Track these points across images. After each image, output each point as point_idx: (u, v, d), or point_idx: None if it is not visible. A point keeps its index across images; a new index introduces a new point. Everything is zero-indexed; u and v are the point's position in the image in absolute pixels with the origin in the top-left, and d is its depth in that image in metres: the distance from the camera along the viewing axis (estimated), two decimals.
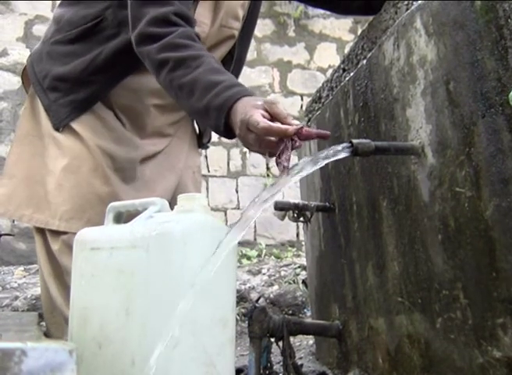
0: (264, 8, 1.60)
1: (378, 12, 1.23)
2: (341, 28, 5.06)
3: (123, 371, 0.86)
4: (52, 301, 1.34)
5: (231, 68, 1.50)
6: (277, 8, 4.88)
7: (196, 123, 1.66)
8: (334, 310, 1.53)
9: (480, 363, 0.84)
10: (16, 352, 0.67)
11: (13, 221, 3.48)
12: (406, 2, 1.07)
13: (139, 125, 1.47)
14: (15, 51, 4.12)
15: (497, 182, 0.80)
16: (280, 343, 1.33)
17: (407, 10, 1.05)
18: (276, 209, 1.50)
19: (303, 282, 2.73)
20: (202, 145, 1.69)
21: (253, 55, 4.64)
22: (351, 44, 2.01)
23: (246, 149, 4.76)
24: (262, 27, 4.72)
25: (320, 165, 0.93)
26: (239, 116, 0.97)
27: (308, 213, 1.54)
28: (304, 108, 2.04)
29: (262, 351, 1.29)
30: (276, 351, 1.35)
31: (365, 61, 1.23)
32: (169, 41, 1.14)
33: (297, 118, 4.21)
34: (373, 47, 1.22)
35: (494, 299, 0.80)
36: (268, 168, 4.57)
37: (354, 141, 0.98)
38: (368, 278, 1.25)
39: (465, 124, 0.86)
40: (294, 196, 1.97)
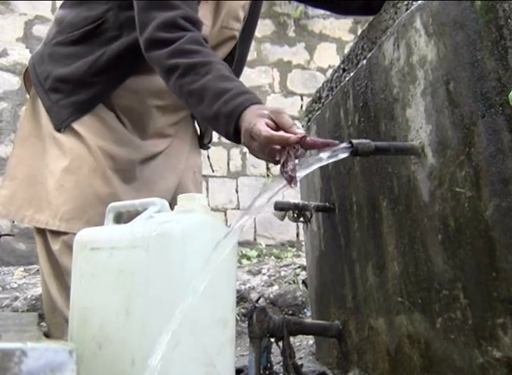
0: (264, 8, 1.60)
1: (378, 12, 1.23)
2: (341, 28, 5.06)
3: (123, 371, 0.86)
4: (52, 301, 1.34)
5: (232, 69, 1.50)
6: (277, 8, 4.88)
7: (197, 124, 1.66)
8: (334, 310, 1.53)
9: (480, 363, 0.84)
10: (16, 352, 0.67)
11: (13, 221, 3.48)
12: (406, 2, 1.07)
13: (140, 126, 1.47)
14: (15, 51, 4.12)
15: (497, 182, 0.80)
16: (280, 343, 1.33)
17: (407, 10, 1.05)
18: (276, 209, 1.50)
19: (303, 282, 2.73)
20: (203, 146, 1.70)
21: (253, 55, 4.64)
22: (351, 44, 2.01)
23: (246, 149, 4.75)
24: (262, 27, 4.72)
25: (321, 164, 0.94)
26: (244, 125, 1.00)
27: (308, 213, 1.54)
28: (304, 108, 2.03)
29: (262, 351, 1.29)
30: (276, 351, 1.35)
31: (365, 61, 1.23)
32: (179, 47, 1.15)
33: (297, 118, 4.21)
34: (373, 47, 1.22)
35: (494, 299, 0.80)
36: (268, 168, 4.57)
37: (354, 141, 0.98)
38: (368, 278, 1.25)
39: (465, 124, 0.86)
40: (294, 196, 1.97)
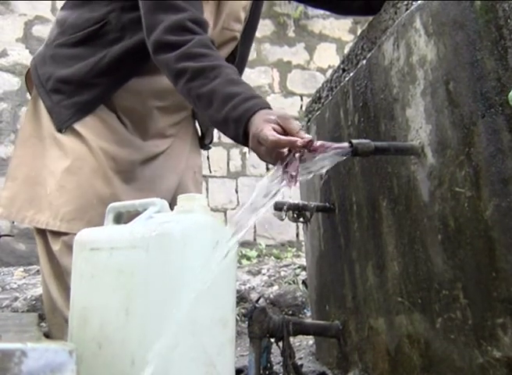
0: (263, 8, 1.60)
1: (377, 13, 1.23)
2: (341, 28, 5.06)
3: (123, 371, 0.86)
4: (53, 301, 1.34)
5: None
6: (277, 8, 4.88)
7: (198, 124, 1.66)
8: (334, 310, 1.53)
9: (480, 363, 0.84)
10: (16, 353, 0.67)
11: (13, 222, 3.48)
12: (405, 2, 1.07)
13: (141, 127, 1.47)
14: (14, 51, 4.12)
15: (497, 182, 0.80)
16: (280, 343, 1.33)
17: (407, 10, 1.05)
18: (276, 210, 1.50)
19: (303, 282, 2.73)
20: (204, 146, 1.70)
21: (252, 56, 4.64)
22: (351, 44, 2.01)
23: (246, 149, 4.77)
24: (262, 28, 4.71)
25: (325, 168, 0.96)
26: (252, 130, 1.00)
27: (308, 213, 1.54)
28: (304, 108, 2.03)
29: (262, 351, 1.29)
30: (276, 351, 1.35)
31: (365, 61, 1.23)
32: (187, 51, 1.15)
33: (297, 118, 4.21)
34: (373, 47, 1.22)
35: (494, 299, 0.80)
36: (268, 168, 4.57)
37: (354, 141, 0.98)
38: (368, 278, 1.25)
39: (465, 124, 0.86)
40: (294, 196, 1.97)
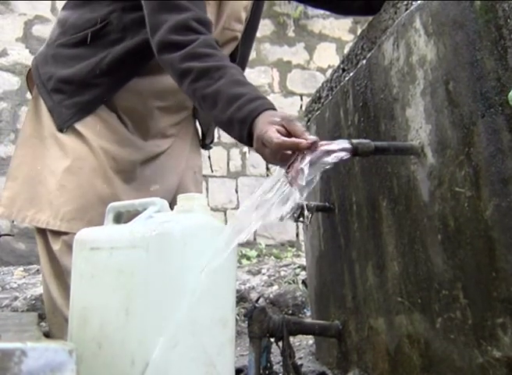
0: (263, 8, 1.60)
1: (377, 13, 1.23)
2: (341, 28, 5.06)
3: (123, 371, 0.86)
4: (53, 301, 1.34)
5: None
6: (276, 8, 4.88)
7: (199, 124, 1.66)
8: (334, 310, 1.53)
9: (480, 363, 0.84)
10: (16, 352, 0.67)
11: (12, 221, 3.48)
12: (405, 2, 1.07)
13: (142, 127, 1.47)
14: (14, 51, 4.12)
15: (497, 182, 0.80)
16: (280, 343, 1.33)
17: (407, 10, 1.05)
18: None
19: (302, 282, 2.73)
20: (205, 146, 1.70)
21: (252, 56, 4.62)
22: (351, 44, 2.01)
23: (246, 149, 4.77)
24: (262, 27, 4.70)
25: (324, 168, 0.96)
26: (256, 132, 1.00)
27: (308, 213, 1.54)
28: (304, 108, 2.04)
29: (262, 351, 1.29)
30: (276, 351, 1.35)
31: (365, 61, 1.23)
32: (192, 51, 1.14)
33: (297, 118, 4.21)
34: (373, 47, 1.22)
35: (494, 299, 0.80)
36: (268, 168, 4.57)
37: (354, 141, 0.98)
38: (368, 278, 1.25)
39: (465, 124, 0.86)
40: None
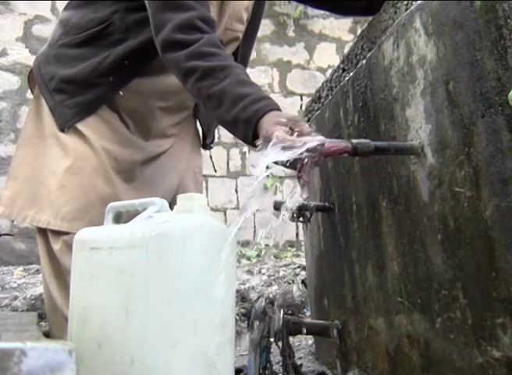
0: (264, 8, 1.61)
1: (377, 13, 1.23)
2: (340, 28, 5.06)
3: (123, 371, 0.86)
4: (53, 301, 1.34)
5: None
6: (276, 8, 4.88)
7: (199, 124, 1.66)
8: (333, 310, 1.53)
9: (479, 363, 0.84)
10: (16, 352, 0.67)
11: (12, 221, 3.48)
12: (405, 2, 1.07)
13: (143, 127, 1.47)
14: (14, 51, 4.12)
15: (497, 182, 0.80)
16: (280, 343, 1.33)
17: (407, 10, 1.05)
18: (276, 209, 1.49)
19: (302, 282, 2.73)
20: (206, 146, 1.70)
21: (252, 55, 4.60)
22: (351, 44, 2.01)
23: (245, 149, 4.76)
24: (262, 27, 4.66)
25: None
26: (262, 133, 1.00)
27: (308, 213, 1.54)
28: (304, 108, 2.04)
29: (262, 351, 1.29)
30: (276, 351, 1.35)
31: (365, 61, 1.23)
32: (196, 50, 1.14)
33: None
34: (372, 47, 1.22)
35: (493, 299, 0.80)
36: (268, 167, 4.56)
37: (354, 141, 0.98)
38: (368, 278, 1.25)
39: (465, 124, 0.86)
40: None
